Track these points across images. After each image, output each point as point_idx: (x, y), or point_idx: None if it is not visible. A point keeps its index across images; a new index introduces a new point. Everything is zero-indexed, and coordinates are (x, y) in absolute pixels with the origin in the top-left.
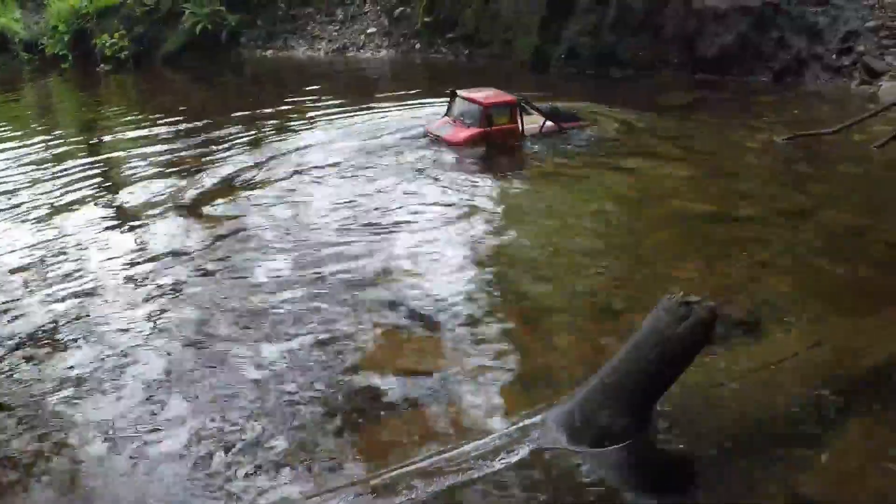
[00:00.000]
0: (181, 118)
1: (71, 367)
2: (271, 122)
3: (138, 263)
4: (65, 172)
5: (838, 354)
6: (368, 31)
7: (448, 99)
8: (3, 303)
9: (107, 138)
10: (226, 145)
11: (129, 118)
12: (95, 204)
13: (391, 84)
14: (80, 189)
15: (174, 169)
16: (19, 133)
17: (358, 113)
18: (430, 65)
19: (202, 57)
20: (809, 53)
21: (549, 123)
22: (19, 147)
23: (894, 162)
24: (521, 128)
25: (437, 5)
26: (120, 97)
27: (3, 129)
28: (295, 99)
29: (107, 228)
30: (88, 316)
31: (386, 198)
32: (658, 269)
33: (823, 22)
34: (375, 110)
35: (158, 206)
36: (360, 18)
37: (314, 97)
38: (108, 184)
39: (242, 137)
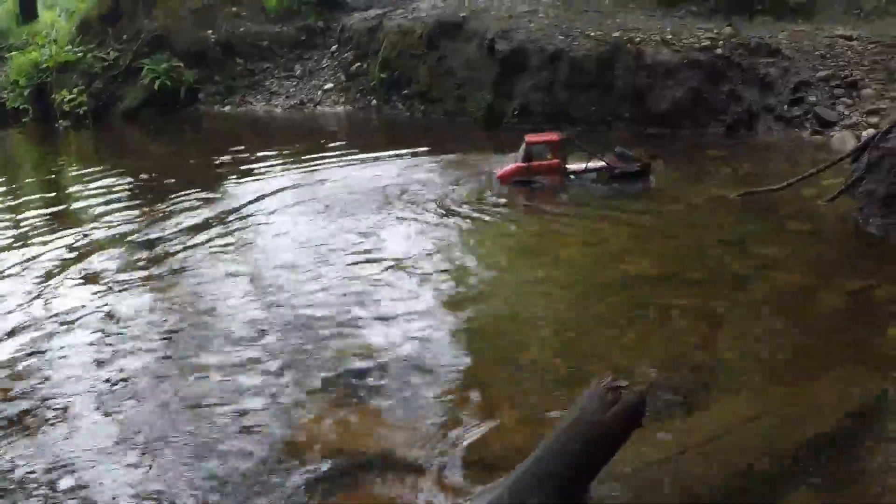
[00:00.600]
0: (138, 174)
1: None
2: (228, 176)
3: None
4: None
5: (781, 424)
6: (325, 86)
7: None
8: None
9: (61, 195)
10: (182, 201)
11: (84, 174)
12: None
13: (347, 139)
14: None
15: (131, 224)
16: None
17: (315, 166)
18: (387, 121)
19: (161, 113)
20: (761, 105)
21: (591, 164)
22: None
23: (844, 216)
24: (563, 165)
25: (392, 62)
26: (77, 153)
27: None
28: (251, 154)
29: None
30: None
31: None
32: (603, 338)
33: (774, 73)
34: (332, 164)
35: (116, 255)
36: (317, 74)
37: (269, 152)
38: (62, 240)
39: (199, 192)
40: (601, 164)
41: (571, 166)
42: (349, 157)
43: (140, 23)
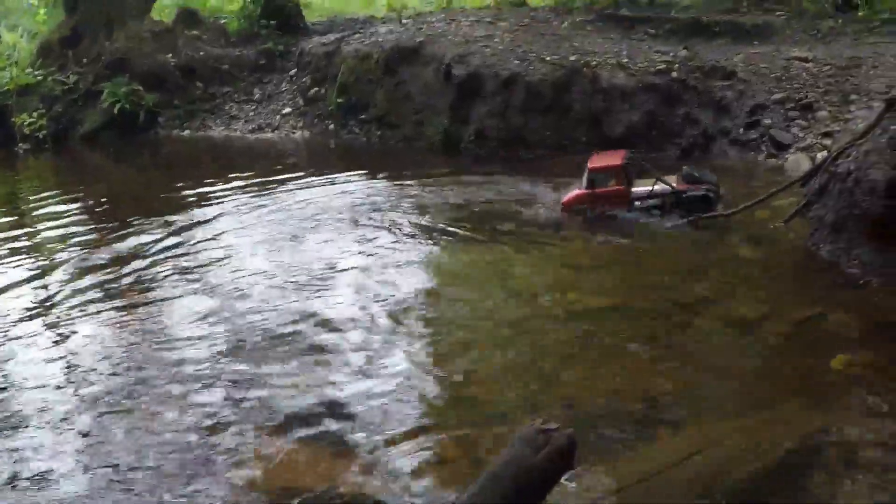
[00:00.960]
0: (96, 198)
1: None
2: (187, 201)
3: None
4: None
5: (724, 460)
6: (284, 111)
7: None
8: None
9: (19, 219)
10: (140, 226)
11: (43, 198)
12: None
13: (306, 164)
14: None
15: (88, 249)
16: None
17: (273, 191)
18: (344, 146)
19: (120, 136)
20: (717, 128)
21: (658, 187)
22: None
23: (796, 241)
24: (629, 191)
25: (350, 87)
26: (36, 176)
27: None
28: (210, 179)
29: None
30: None
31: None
32: (549, 370)
33: (730, 96)
34: (290, 188)
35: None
36: (276, 98)
37: (228, 177)
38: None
39: (158, 217)
40: (666, 188)
41: (637, 190)
42: (307, 181)
43: (101, 46)
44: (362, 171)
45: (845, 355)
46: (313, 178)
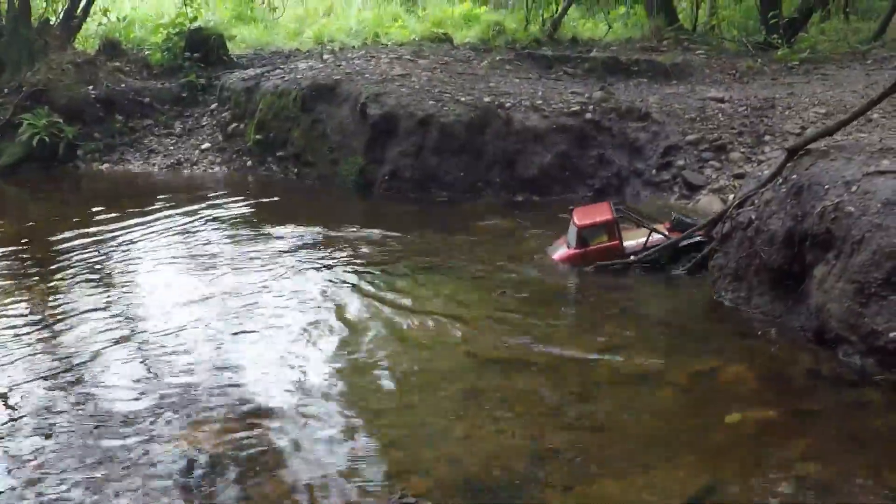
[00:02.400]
0: (11, 237)
1: None
2: (105, 237)
3: None
4: None
5: None
6: (203, 146)
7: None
8: None
9: None
10: (60, 264)
11: None
12: None
13: (223, 199)
14: None
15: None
16: None
17: (191, 229)
18: (261, 182)
19: (39, 169)
20: (630, 169)
21: (655, 236)
22: None
23: (700, 288)
24: (622, 245)
25: (268, 124)
26: None
27: None
28: (124, 215)
29: None
30: None
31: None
32: (436, 429)
33: (644, 138)
34: (208, 227)
35: None
36: (196, 132)
37: (145, 211)
38: None
39: (77, 254)
40: (660, 237)
41: (628, 243)
42: (226, 220)
43: (22, 76)
44: (278, 210)
45: (739, 409)
46: (230, 216)
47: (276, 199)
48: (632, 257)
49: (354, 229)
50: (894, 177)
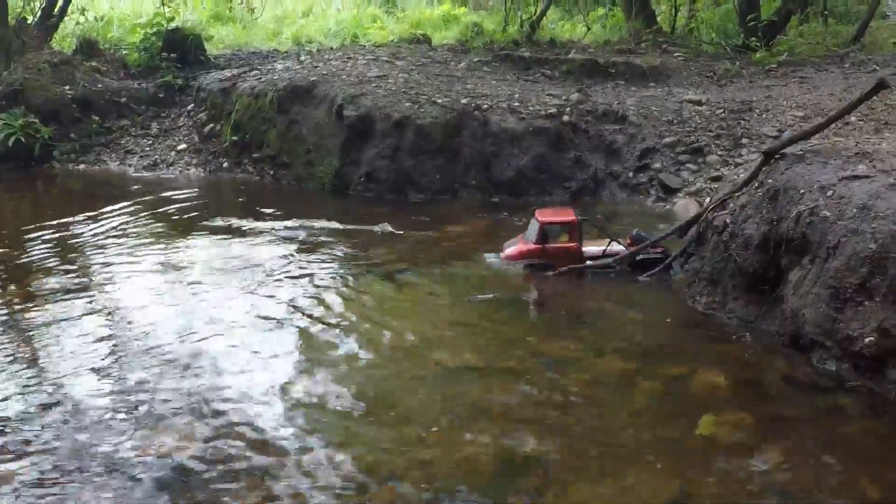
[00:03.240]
0: None
1: None
2: (74, 237)
3: None
4: None
5: None
6: (179, 147)
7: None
8: None
9: None
10: (36, 271)
11: None
12: None
13: (198, 203)
14: None
15: None
16: None
17: (171, 232)
18: (237, 184)
19: (14, 169)
20: (607, 172)
21: (614, 247)
22: None
23: (672, 295)
24: (579, 248)
25: (244, 125)
26: None
27: None
28: (100, 216)
29: None
30: None
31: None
32: (410, 433)
33: (621, 140)
34: (179, 224)
35: None
36: (173, 133)
37: (120, 212)
38: None
39: (44, 254)
40: (619, 248)
41: (587, 248)
42: (200, 221)
43: None
44: (253, 211)
45: (711, 416)
46: (204, 217)
47: (250, 200)
48: (588, 262)
49: (329, 231)
50: (870, 181)
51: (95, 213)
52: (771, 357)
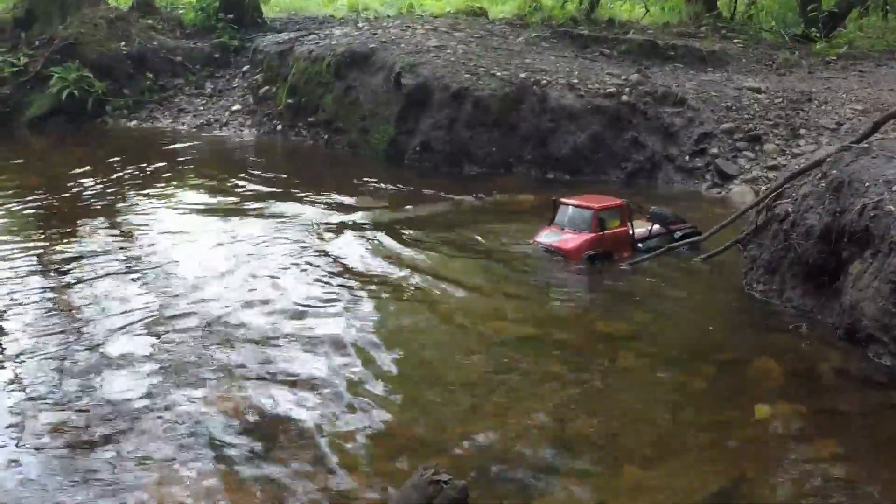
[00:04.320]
0: (35, 191)
1: None
2: (131, 197)
3: None
4: None
5: None
6: (234, 108)
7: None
8: None
9: None
10: (83, 224)
11: None
12: None
13: (254, 166)
14: None
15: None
16: None
17: (218, 195)
18: (291, 148)
19: (67, 122)
20: (663, 154)
21: (656, 227)
22: None
23: (731, 279)
24: (630, 232)
25: (300, 89)
26: None
27: None
28: (152, 175)
29: None
30: None
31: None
32: (465, 403)
33: (679, 123)
34: (233, 184)
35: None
36: (227, 94)
37: (174, 173)
38: None
39: (100, 215)
40: (657, 227)
41: (638, 231)
42: (254, 181)
43: (54, 29)
44: (306, 175)
45: (767, 404)
46: (257, 178)
47: (304, 164)
48: (639, 245)
49: (384, 199)
50: None
51: (145, 167)
52: (826, 349)
